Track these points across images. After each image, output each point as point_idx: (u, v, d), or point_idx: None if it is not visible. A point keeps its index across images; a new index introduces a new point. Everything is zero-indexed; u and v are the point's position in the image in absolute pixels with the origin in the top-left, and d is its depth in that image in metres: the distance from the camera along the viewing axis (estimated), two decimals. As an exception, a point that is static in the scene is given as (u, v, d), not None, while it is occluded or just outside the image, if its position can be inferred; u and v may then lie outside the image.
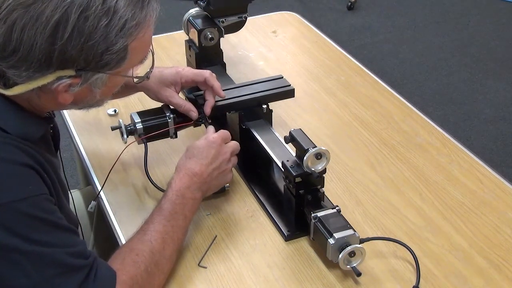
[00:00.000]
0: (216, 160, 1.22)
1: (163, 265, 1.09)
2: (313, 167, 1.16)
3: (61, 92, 0.95)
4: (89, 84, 0.96)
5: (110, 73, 0.96)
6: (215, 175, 1.22)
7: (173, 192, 1.16)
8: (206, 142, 1.22)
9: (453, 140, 1.50)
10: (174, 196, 1.15)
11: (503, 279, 1.15)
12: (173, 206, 1.14)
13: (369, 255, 1.17)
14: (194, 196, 1.18)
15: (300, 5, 4.31)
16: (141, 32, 0.96)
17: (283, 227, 1.25)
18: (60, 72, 0.91)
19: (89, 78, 0.95)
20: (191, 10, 1.66)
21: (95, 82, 0.96)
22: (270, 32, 2.02)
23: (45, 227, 0.92)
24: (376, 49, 3.79)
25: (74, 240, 0.97)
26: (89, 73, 0.94)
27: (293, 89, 1.45)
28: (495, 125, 3.12)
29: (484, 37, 3.90)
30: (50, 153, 1.08)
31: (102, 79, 0.97)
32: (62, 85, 0.93)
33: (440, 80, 3.49)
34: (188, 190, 1.17)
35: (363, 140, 1.51)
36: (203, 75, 1.34)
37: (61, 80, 0.92)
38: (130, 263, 1.03)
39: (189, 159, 1.21)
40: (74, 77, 0.93)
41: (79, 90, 0.96)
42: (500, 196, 1.34)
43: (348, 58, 1.87)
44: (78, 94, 0.97)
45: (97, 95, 1.00)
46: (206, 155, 1.21)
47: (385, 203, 1.32)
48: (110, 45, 0.92)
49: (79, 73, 0.93)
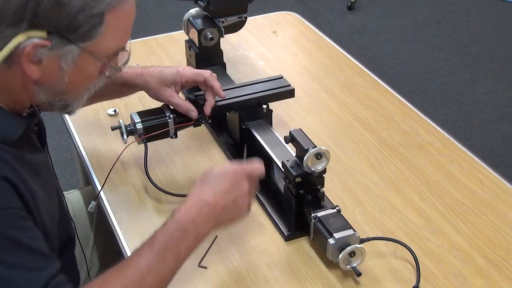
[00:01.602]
0: (233, 191, 1.05)
1: None
2: (313, 167, 1.16)
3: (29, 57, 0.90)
4: (58, 57, 0.92)
5: (81, 46, 0.92)
6: (230, 208, 1.05)
7: (172, 223, 1.01)
8: (224, 170, 1.08)
9: (453, 140, 1.50)
10: (172, 228, 1.00)
11: (503, 279, 1.15)
12: (166, 241, 0.99)
13: (369, 255, 1.17)
14: (197, 231, 1.01)
15: (300, 5, 4.31)
16: (120, 4, 0.92)
17: (283, 227, 1.25)
18: (32, 32, 0.88)
19: (60, 47, 0.91)
20: (191, 10, 1.66)
21: (65, 56, 0.92)
22: (270, 32, 2.02)
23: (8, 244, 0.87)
24: (376, 49, 3.79)
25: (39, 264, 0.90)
26: (61, 39, 0.90)
27: (293, 89, 1.45)
28: (495, 125, 3.12)
29: (484, 37, 3.90)
30: (33, 151, 1.03)
31: (73, 54, 0.92)
32: (30, 44, 0.89)
33: (440, 80, 3.49)
34: (193, 224, 1.01)
35: (363, 140, 1.51)
36: (203, 75, 1.34)
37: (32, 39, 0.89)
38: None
39: (201, 186, 1.05)
40: (44, 39, 0.89)
41: (48, 62, 0.92)
42: (500, 196, 1.34)
43: (348, 58, 1.87)
44: (46, 68, 0.92)
45: (66, 76, 0.94)
46: (220, 185, 1.05)
47: (385, 203, 1.32)
48: (86, 6, 0.89)
49: (50, 37, 0.89)
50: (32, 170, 0.99)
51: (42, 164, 1.07)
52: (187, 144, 1.49)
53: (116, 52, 1.00)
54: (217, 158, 1.46)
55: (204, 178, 1.07)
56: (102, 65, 1.00)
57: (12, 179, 0.91)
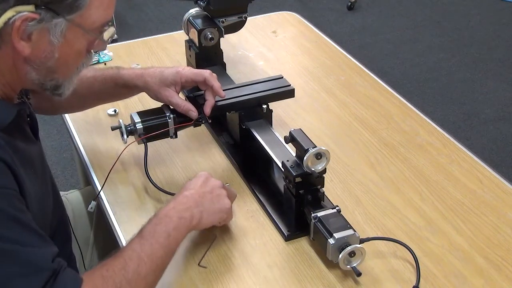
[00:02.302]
0: (206, 185, 1.17)
1: (137, 283, 1.01)
2: (313, 167, 1.16)
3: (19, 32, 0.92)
4: (47, 31, 0.94)
5: (69, 19, 0.94)
6: (208, 198, 1.16)
7: (156, 217, 1.09)
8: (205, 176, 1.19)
9: (453, 140, 1.50)
10: (157, 219, 1.09)
11: (503, 279, 1.15)
12: (153, 226, 1.07)
13: (369, 255, 1.17)
14: (180, 215, 1.10)
15: (300, 5, 4.31)
16: None
17: (283, 227, 1.25)
18: (19, 7, 0.91)
19: (48, 20, 0.93)
20: (191, 10, 1.66)
21: (54, 29, 0.94)
22: (270, 32, 2.02)
23: (11, 222, 0.89)
24: (376, 49, 3.79)
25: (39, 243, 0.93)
26: (49, 13, 0.93)
27: (293, 89, 1.45)
28: (495, 125, 3.12)
29: (484, 37, 3.90)
30: (25, 142, 1.04)
31: (61, 27, 0.95)
32: (20, 18, 0.91)
33: (440, 80, 3.49)
34: (173, 210, 1.10)
35: (363, 140, 1.51)
36: (203, 75, 1.34)
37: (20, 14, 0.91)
38: (98, 277, 0.98)
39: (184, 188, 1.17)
40: (33, 12, 0.92)
41: (37, 37, 0.94)
42: (500, 196, 1.34)
43: (348, 58, 1.87)
44: (35, 44, 0.95)
45: (56, 51, 0.97)
46: (194, 183, 1.17)
47: (385, 203, 1.32)
48: None
49: (38, 10, 0.92)
50: (24, 160, 1.00)
51: (36, 156, 1.08)
52: (187, 144, 1.49)
53: (102, 26, 1.02)
54: (217, 158, 1.46)
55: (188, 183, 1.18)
56: (90, 40, 1.02)
57: (7, 160, 0.92)
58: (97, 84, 1.37)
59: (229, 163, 1.43)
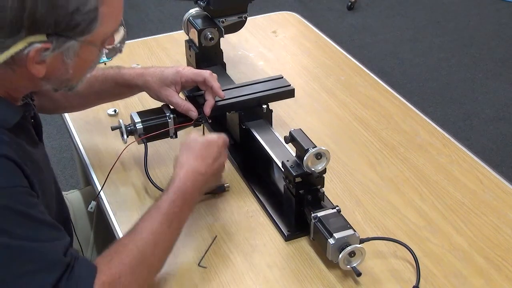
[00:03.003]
0: (217, 161, 1.21)
1: (153, 266, 1.06)
2: (313, 167, 1.16)
3: (33, 60, 0.93)
4: (60, 53, 0.95)
5: (81, 40, 0.95)
6: (215, 176, 1.21)
7: (174, 192, 1.12)
8: (208, 142, 1.21)
9: (453, 140, 1.50)
10: (175, 196, 1.12)
11: (503, 279, 1.15)
12: (171, 207, 1.10)
13: (369, 255, 1.17)
14: (193, 198, 1.15)
15: (300, 5, 4.31)
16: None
17: (283, 227, 1.25)
18: (31, 37, 0.91)
19: (61, 45, 0.93)
20: (191, 10, 1.66)
21: (67, 52, 0.95)
22: (270, 32, 2.02)
23: (24, 220, 0.91)
24: (376, 49, 3.79)
25: (54, 236, 0.95)
26: (61, 38, 0.93)
27: (293, 89, 1.45)
28: (495, 125, 3.12)
29: (484, 37, 3.90)
30: (30, 144, 1.05)
31: (74, 48, 0.95)
32: (33, 50, 0.91)
33: (440, 80, 3.49)
34: (191, 190, 1.14)
35: (363, 140, 1.51)
36: (203, 75, 1.34)
37: (33, 45, 0.91)
38: (117, 264, 1.00)
39: (193, 157, 1.18)
40: (45, 42, 0.92)
41: (51, 60, 0.94)
42: (500, 196, 1.34)
43: (348, 58, 1.87)
44: (50, 65, 0.95)
45: (70, 68, 0.98)
46: (209, 155, 1.19)
47: (385, 203, 1.32)
48: (81, 5, 0.91)
49: (50, 38, 0.92)
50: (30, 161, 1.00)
51: (40, 158, 1.08)
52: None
53: (113, 33, 1.03)
54: (217, 158, 1.46)
55: (192, 148, 1.20)
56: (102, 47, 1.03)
57: (15, 158, 0.93)
58: (97, 83, 1.37)
59: (229, 163, 1.43)
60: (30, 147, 1.04)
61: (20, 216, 0.91)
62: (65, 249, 0.95)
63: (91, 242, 1.53)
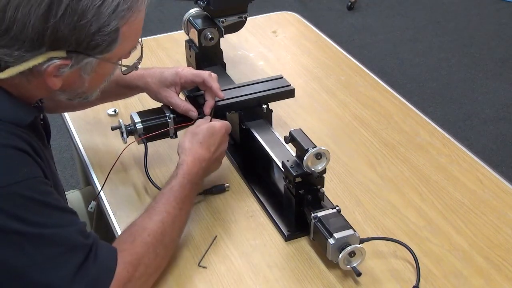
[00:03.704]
0: (219, 149, 1.26)
1: (169, 247, 1.12)
2: (313, 167, 1.16)
3: (51, 75, 0.95)
4: (78, 69, 0.96)
5: (100, 57, 0.96)
6: (216, 163, 1.27)
7: (184, 176, 1.18)
8: (213, 129, 1.25)
9: (453, 140, 1.50)
10: (185, 180, 1.18)
11: (503, 279, 1.15)
12: (183, 190, 1.16)
13: (369, 255, 1.17)
14: (199, 182, 1.22)
15: (300, 5, 4.31)
16: (133, 16, 0.96)
17: (283, 227, 1.25)
18: (51, 53, 0.92)
19: (80, 62, 0.95)
20: (191, 10, 1.66)
21: (85, 67, 0.97)
22: (270, 32, 2.02)
23: (43, 208, 0.94)
24: (376, 49, 3.79)
25: (73, 221, 0.99)
26: (80, 55, 0.94)
27: (293, 89, 1.45)
28: (495, 125, 3.12)
29: (484, 37, 3.90)
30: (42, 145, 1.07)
31: (92, 65, 0.97)
32: (52, 65, 0.93)
33: (440, 80, 3.49)
34: (197, 175, 1.20)
35: (363, 140, 1.51)
36: (202, 76, 1.34)
37: (52, 61, 0.93)
38: (140, 244, 1.05)
39: (198, 143, 1.23)
40: (64, 58, 0.93)
41: (69, 74, 0.96)
42: (500, 196, 1.34)
43: (348, 58, 1.87)
44: (67, 79, 0.97)
45: (86, 82, 1.00)
46: (213, 142, 1.25)
47: (385, 203, 1.32)
48: (102, 26, 0.92)
49: (70, 55, 0.93)
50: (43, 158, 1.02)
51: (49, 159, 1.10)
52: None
53: (130, 50, 1.06)
54: (217, 158, 1.46)
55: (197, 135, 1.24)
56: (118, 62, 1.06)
57: (29, 151, 0.96)
58: None
59: (229, 163, 1.43)
60: (42, 146, 1.06)
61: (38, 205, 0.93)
62: (85, 231, 0.99)
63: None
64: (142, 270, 1.04)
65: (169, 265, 1.16)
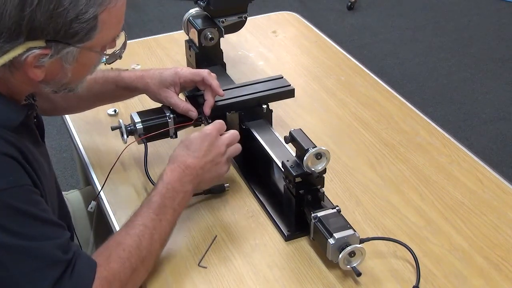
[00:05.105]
0: (210, 153, 1.20)
1: (148, 260, 1.08)
2: (313, 167, 1.16)
3: (31, 65, 0.93)
4: (59, 59, 0.95)
5: (80, 46, 0.95)
6: (208, 168, 1.20)
7: (163, 185, 1.14)
8: (200, 135, 1.21)
9: (453, 140, 1.50)
10: (164, 189, 1.14)
11: (503, 279, 1.15)
12: (162, 200, 1.13)
13: (369, 255, 1.17)
14: (184, 189, 1.16)
15: (300, 5, 4.31)
16: (112, 2, 0.95)
17: (283, 227, 1.25)
18: (30, 43, 0.91)
19: (60, 51, 0.94)
20: (191, 10, 1.66)
21: (66, 57, 0.95)
22: (270, 32, 2.02)
23: (26, 219, 0.92)
24: (376, 49, 3.79)
25: (56, 234, 0.96)
26: (59, 44, 0.93)
27: (293, 89, 1.45)
28: (495, 125, 3.12)
29: (484, 37, 3.90)
30: (33, 143, 1.06)
31: (73, 54, 0.96)
32: (32, 55, 0.92)
33: (440, 80, 3.49)
34: (179, 183, 1.16)
35: (363, 140, 1.51)
36: (201, 74, 1.34)
37: (31, 51, 0.92)
38: (115, 259, 1.02)
39: (182, 151, 1.20)
40: (44, 48, 0.92)
41: (50, 64, 0.95)
42: (500, 196, 1.34)
43: (348, 58, 1.87)
44: (49, 69, 0.96)
45: (69, 72, 0.99)
46: (199, 148, 1.19)
47: (385, 203, 1.32)
48: (80, 13, 0.91)
49: (49, 44, 0.92)
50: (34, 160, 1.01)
51: (43, 157, 1.09)
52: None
53: (114, 38, 1.04)
54: (217, 158, 1.45)
55: (186, 142, 1.21)
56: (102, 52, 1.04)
57: (17, 157, 0.94)
58: (97, 86, 1.38)
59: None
60: (33, 146, 1.04)
61: (20, 214, 0.91)
62: (66, 246, 0.96)
63: (91, 242, 1.53)
64: (117, 286, 1.01)
65: (169, 265, 1.16)
